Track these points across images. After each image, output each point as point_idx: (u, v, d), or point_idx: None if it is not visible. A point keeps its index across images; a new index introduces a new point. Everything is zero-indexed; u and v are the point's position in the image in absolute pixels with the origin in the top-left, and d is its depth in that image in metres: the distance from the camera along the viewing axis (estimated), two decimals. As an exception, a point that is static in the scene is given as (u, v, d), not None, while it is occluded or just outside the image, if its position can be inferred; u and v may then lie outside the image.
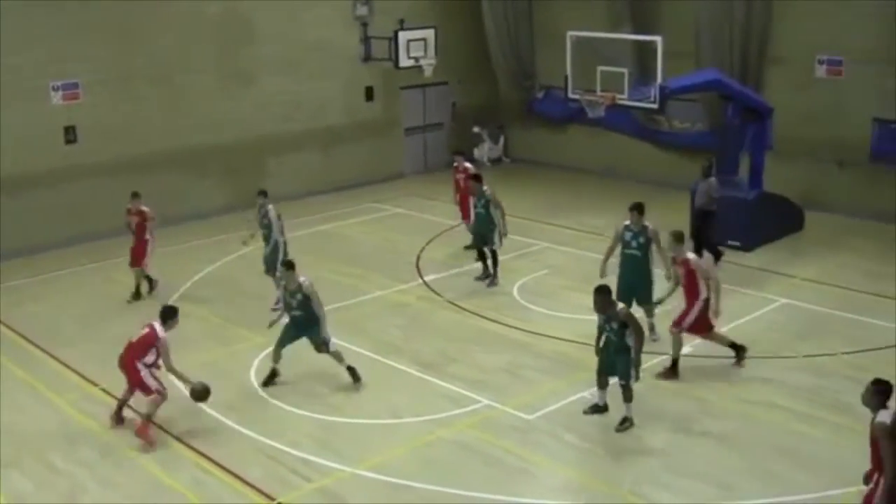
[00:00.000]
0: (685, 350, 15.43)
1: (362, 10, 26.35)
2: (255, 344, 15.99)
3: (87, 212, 21.82)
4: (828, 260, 19.82)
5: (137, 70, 22.69)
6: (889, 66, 21.46)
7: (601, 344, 13.32)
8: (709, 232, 19.38)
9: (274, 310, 16.20)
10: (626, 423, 13.13)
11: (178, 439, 13.09)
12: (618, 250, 15.98)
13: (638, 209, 15.71)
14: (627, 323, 12.88)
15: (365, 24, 26.48)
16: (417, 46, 25.51)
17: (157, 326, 13.14)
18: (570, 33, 20.97)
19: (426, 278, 19.10)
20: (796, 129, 22.73)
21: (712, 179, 19.44)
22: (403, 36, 25.36)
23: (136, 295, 18.45)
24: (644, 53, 22.01)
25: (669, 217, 21.51)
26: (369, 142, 27.05)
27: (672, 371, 14.65)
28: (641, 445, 12.68)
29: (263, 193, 17.93)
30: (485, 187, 18.61)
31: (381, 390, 14.49)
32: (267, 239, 17.71)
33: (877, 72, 21.77)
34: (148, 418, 13.03)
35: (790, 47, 23.10)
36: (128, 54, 22.49)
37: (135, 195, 18.51)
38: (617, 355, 13.06)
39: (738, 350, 14.97)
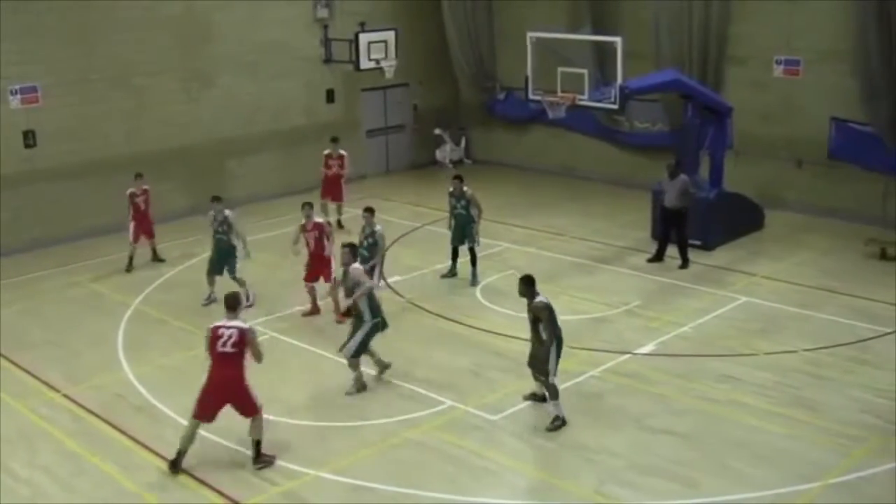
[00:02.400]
0: (646, 349, 15.55)
1: (323, 12, 26.30)
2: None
3: (48, 216, 21.63)
4: (787, 258, 20.00)
5: (97, 73, 22.50)
6: (845, 66, 21.71)
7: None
8: (686, 232, 19.48)
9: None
10: (556, 422, 13.15)
11: (141, 444, 12.99)
12: None
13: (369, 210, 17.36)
14: (539, 317, 13.01)
15: (325, 26, 26.44)
16: (378, 48, 25.43)
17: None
18: (531, 34, 21.01)
19: (388, 280, 19.08)
20: (755, 129, 22.97)
21: (685, 177, 19.37)
22: (364, 38, 25.26)
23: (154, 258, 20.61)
24: (604, 54, 22.08)
25: (631, 216, 21.74)
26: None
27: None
28: (605, 444, 12.73)
29: (217, 199, 18.25)
30: (465, 188, 18.86)
31: (345, 393, 14.46)
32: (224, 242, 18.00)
33: (833, 72, 22.01)
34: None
35: (748, 48, 23.31)
36: (87, 57, 22.30)
37: (139, 176, 20.14)
38: (535, 349, 13.29)
39: None
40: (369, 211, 17.28)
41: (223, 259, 17.87)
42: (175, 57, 23.90)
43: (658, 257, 19.75)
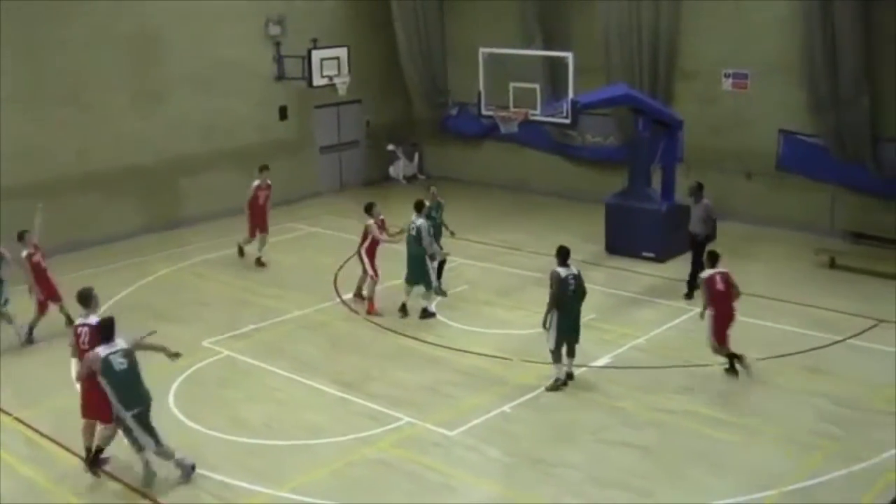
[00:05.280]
0: (602, 361, 15.63)
1: (275, 29, 26.26)
2: (174, 368, 15.76)
3: (-4, 238, 21.33)
4: (738, 268, 19.95)
5: (46, 90, 22.24)
6: (792, 78, 22.02)
7: None
8: (700, 261, 18.08)
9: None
10: (555, 383, 14.75)
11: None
12: None
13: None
14: (550, 285, 14.64)
15: (278, 43, 26.39)
16: (331, 65, 25.43)
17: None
18: (483, 50, 21.11)
19: (345, 297, 19.05)
20: (705, 141, 23.23)
21: (707, 202, 18.69)
22: (317, 55, 25.27)
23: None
24: (555, 69, 22.26)
25: (584, 229, 21.82)
26: (284, 161, 26.86)
27: None
28: (562, 457, 12.79)
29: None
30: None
31: (301, 411, 14.41)
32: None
33: (781, 84, 22.32)
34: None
35: (697, 62, 23.59)
36: (36, 74, 22.04)
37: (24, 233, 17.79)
38: None
39: None
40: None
41: None
42: (127, 75, 23.69)
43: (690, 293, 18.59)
